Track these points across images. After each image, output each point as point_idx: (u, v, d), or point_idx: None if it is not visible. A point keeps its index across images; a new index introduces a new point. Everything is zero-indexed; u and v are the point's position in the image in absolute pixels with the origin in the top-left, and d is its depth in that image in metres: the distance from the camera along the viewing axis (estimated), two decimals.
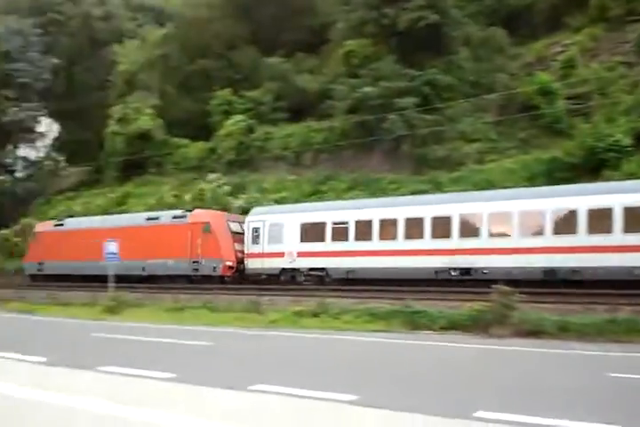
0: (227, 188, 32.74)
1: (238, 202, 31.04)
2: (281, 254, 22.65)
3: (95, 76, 47.80)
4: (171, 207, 31.33)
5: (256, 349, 11.88)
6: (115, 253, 21.18)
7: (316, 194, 30.62)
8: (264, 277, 23.61)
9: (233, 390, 6.85)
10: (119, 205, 37.60)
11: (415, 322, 14.21)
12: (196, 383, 7.23)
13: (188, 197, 33.85)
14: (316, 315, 15.96)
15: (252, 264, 23.60)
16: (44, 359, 9.35)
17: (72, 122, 49.03)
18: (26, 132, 49.34)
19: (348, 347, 11.94)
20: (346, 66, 33.18)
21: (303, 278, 22.55)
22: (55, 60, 49.21)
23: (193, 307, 18.97)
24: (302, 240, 22.50)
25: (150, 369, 8.29)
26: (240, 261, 24.28)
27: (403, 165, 30.59)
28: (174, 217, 27.06)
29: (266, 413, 5.84)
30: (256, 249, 23.16)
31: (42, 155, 51.31)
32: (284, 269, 22.86)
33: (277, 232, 22.87)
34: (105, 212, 36.09)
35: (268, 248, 23.16)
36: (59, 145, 51.83)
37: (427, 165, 29.77)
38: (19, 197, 47.50)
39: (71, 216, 35.31)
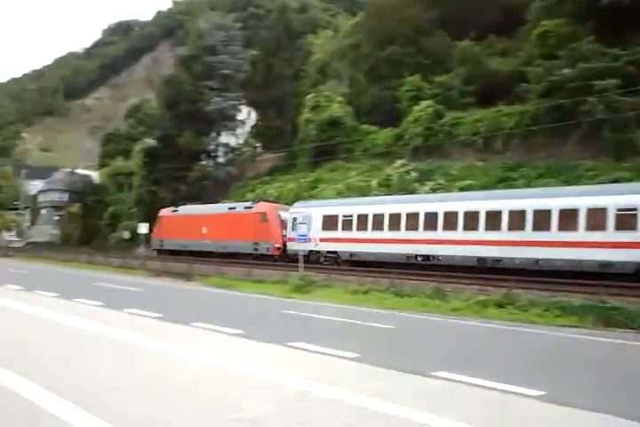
0: (414, 174, 35.94)
1: (424, 189, 34.13)
2: (309, 239, 28.52)
3: (290, 66, 54.27)
4: (358, 192, 36.19)
5: (439, 335, 12.57)
6: (304, 235, 25.70)
7: (505, 181, 31.67)
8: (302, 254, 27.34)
9: (417, 375, 7.22)
10: (310, 190, 42.48)
11: (611, 319, 13.86)
12: (378, 365, 7.72)
13: (374, 182, 37.92)
14: (501, 306, 16.17)
15: (290, 246, 30.85)
16: (240, 332, 10.55)
17: (268, 110, 56.24)
18: (227, 120, 57.65)
19: (535, 341, 11.89)
20: (541, 47, 34.25)
21: (323, 259, 29.94)
22: (254, 52, 56.97)
23: (377, 290, 19.90)
24: (323, 229, 30.01)
25: (335, 348, 9.04)
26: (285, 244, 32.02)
27: (602, 151, 30.50)
28: (245, 208, 35.64)
29: (451, 401, 6.01)
30: (293, 235, 29.36)
31: (241, 141, 59.86)
32: (310, 251, 29.58)
33: (308, 222, 29.13)
34: (297, 196, 42.00)
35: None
36: (256, 132, 59.83)
37: (630, 150, 29.90)
38: (220, 181, 56.37)
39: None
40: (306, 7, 56.50)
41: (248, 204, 36.64)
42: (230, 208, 37.72)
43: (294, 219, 30.76)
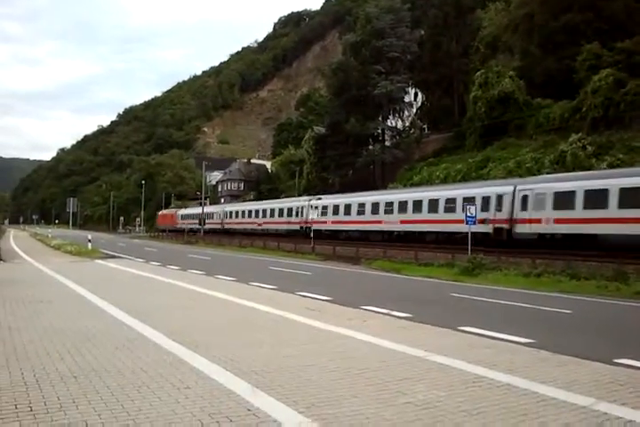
0: (590, 148, 35.13)
1: (602, 164, 33.29)
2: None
3: (459, 43, 55.00)
4: (529, 172, 36.23)
5: (620, 320, 12.22)
6: (473, 217, 25.76)
7: None
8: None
9: (597, 362, 7.03)
10: (479, 170, 42.77)
11: None
12: (555, 351, 7.58)
13: (547, 160, 37.56)
14: None
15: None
16: (409, 315, 10.90)
17: (436, 90, 57.47)
18: (394, 103, 59.79)
19: None
20: None
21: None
22: (422, 33, 58.48)
23: (552, 272, 19.57)
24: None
25: (508, 333, 9.07)
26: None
27: None
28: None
29: (636, 390, 5.77)
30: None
31: (407, 124, 61.84)
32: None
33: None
34: (465, 176, 42.96)
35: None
36: (422, 114, 61.41)
37: None
38: (386, 165, 58.81)
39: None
40: None
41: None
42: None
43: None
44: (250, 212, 58.91)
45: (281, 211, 51.70)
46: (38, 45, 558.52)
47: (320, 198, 46.52)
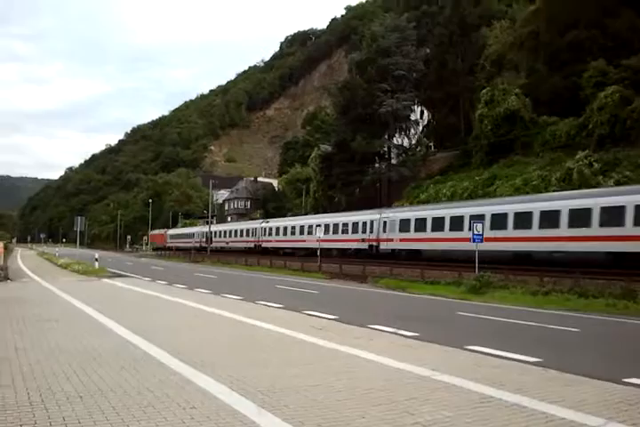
0: (596, 165, 35.07)
1: (609, 182, 33.15)
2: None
3: (464, 61, 55.37)
4: (535, 189, 36.25)
5: (629, 338, 12.19)
6: (480, 235, 25.53)
7: None
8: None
9: (607, 382, 6.97)
10: (485, 188, 42.72)
11: None
12: (563, 370, 7.56)
13: (554, 177, 37.48)
14: None
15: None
16: (416, 334, 10.82)
17: (442, 108, 57.74)
18: (400, 121, 59.94)
19: None
20: None
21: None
22: (427, 51, 58.91)
23: (559, 291, 19.57)
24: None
25: (515, 352, 9.08)
26: None
27: None
28: None
29: None
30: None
31: (413, 142, 62.05)
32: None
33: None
34: (471, 194, 42.95)
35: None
36: (428, 132, 61.66)
37: None
38: (393, 183, 58.88)
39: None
40: None
41: None
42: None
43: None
44: (227, 232, 66.37)
45: (239, 231, 61.63)
46: (46, 65, 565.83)
47: (268, 222, 56.92)
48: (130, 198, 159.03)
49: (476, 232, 25.45)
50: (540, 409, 5.59)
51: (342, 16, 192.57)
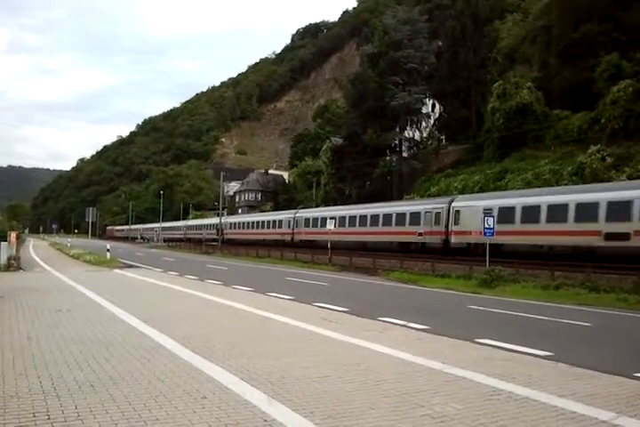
0: (608, 159, 34.78)
1: (622, 176, 32.87)
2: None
3: (476, 54, 54.94)
4: (547, 183, 35.99)
5: None
6: (491, 228, 25.27)
7: None
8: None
9: (617, 376, 6.95)
10: (497, 181, 42.43)
11: None
12: (574, 364, 7.53)
13: (566, 171, 37.21)
14: None
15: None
16: (427, 327, 10.91)
17: (453, 101, 57.32)
18: (411, 114, 59.76)
19: None
20: None
21: None
22: (439, 44, 58.52)
23: (570, 285, 19.57)
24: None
25: (525, 345, 9.08)
26: None
27: None
28: None
29: None
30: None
31: (424, 135, 61.78)
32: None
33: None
34: (482, 188, 42.73)
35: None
36: (440, 125, 61.31)
37: None
38: (404, 176, 58.74)
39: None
40: None
41: None
42: None
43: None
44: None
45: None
46: (57, 56, 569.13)
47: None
48: (141, 190, 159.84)
49: (487, 226, 24.91)
50: (550, 403, 5.57)
51: (354, 8, 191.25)
